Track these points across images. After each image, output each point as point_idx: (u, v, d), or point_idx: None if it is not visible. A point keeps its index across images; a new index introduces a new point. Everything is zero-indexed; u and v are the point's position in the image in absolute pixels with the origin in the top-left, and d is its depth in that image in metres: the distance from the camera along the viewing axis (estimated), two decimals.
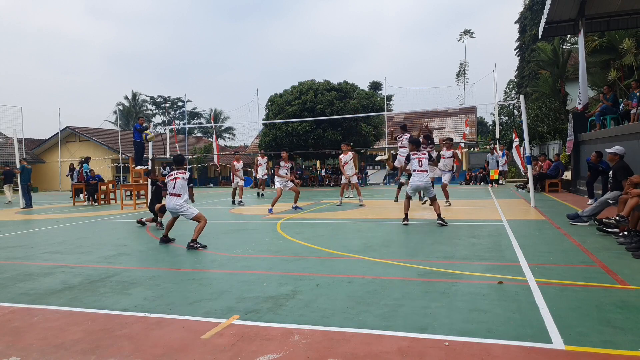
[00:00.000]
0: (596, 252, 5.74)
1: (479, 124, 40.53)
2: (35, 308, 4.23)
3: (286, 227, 9.07)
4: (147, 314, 3.93)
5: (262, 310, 3.90)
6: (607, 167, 10.10)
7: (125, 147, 32.97)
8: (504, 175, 22.40)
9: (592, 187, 11.33)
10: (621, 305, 3.73)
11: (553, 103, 27.90)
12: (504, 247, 6.35)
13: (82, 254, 6.89)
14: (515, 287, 4.35)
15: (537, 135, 26.93)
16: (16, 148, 17.65)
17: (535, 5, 33.65)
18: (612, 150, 8.04)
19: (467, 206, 12.41)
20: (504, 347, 2.99)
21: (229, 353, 3.06)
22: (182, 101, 53.48)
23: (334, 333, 3.34)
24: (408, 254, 6.08)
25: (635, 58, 19.20)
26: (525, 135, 12.23)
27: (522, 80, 37.97)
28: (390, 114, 34.81)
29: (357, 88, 27.92)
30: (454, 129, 33.81)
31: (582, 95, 15.45)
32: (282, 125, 25.38)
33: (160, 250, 7.03)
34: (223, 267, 5.76)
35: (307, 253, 6.43)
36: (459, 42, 57.94)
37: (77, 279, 5.28)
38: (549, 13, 15.16)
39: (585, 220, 8.01)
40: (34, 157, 34.76)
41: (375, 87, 45.24)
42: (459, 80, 56.16)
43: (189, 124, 48.81)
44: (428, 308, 3.81)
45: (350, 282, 4.72)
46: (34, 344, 3.35)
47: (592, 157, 10.46)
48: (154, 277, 5.24)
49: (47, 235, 9.16)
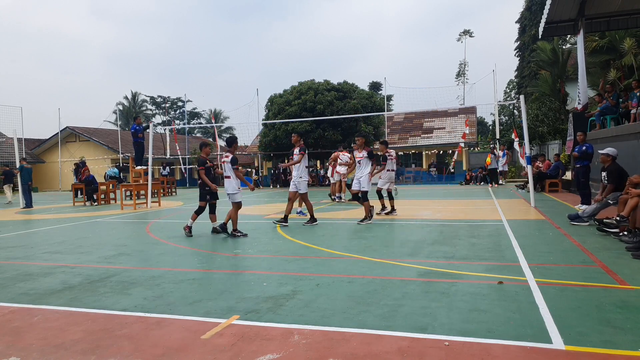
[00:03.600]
0: (596, 252, 5.74)
1: (479, 124, 40.50)
2: (35, 308, 4.23)
3: (286, 227, 9.06)
4: (147, 314, 3.93)
5: (262, 310, 3.90)
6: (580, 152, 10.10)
7: (125, 147, 32.98)
8: (504, 175, 22.41)
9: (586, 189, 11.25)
10: (621, 305, 3.73)
11: (553, 103, 27.90)
12: (504, 247, 6.35)
13: (82, 254, 6.89)
14: (515, 287, 4.35)
15: (537, 135, 26.94)
16: (16, 148, 17.65)
17: (535, 5, 33.67)
18: (605, 151, 8.02)
19: (467, 206, 12.41)
20: (504, 347, 2.99)
21: (229, 353, 3.05)
22: (182, 101, 53.44)
23: (334, 333, 3.34)
24: (408, 254, 6.08)
25: (635, 58, 19.19)
26: (525, 135, 12.24)
27: (522, 80, 37.98)
28: (390, 114, 34.83)
29: (357, 88, 27.93)
30: (454, 129, 33.77)
31: (582, 95, 15.45)
32: (282, 125, 25.39)
33: (160, 250, 7.03)
34: (223, 267, 5.76)
35: (307, 253, 6.43)
36: (459, 42, 57.90)
37: (77, 279, 5.28)
38: (549, 13, 15.15)
39: (586, 220, 8.01)
40: (34, 157, 34.77)
41: (375, 87, 45.22)
42: (459, 80, 56.18)
43: (188, 124, 48.80)
44: (428, 308, 3.81)
45: (350, 282, 4.72)
46: (34, 344, 3.35)
47: (579, 136, 10.51)
48: (154, 277, 5.24)
49: (47, 235, 9.16)
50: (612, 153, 7.97)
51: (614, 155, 7.96)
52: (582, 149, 10.10)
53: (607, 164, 7.98)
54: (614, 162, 7.96)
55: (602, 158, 8.06)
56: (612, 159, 7.94)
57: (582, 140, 10.33)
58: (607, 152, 7.98)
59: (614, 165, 7.93)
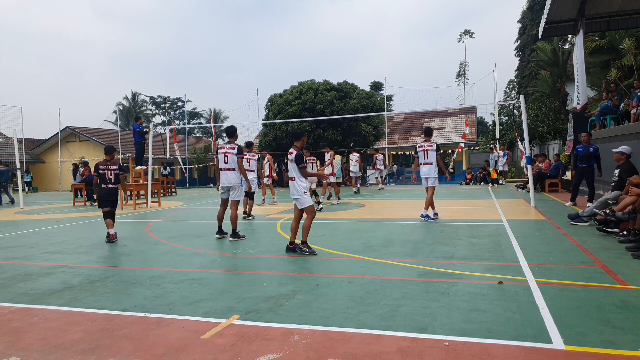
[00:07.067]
0: (596, 252, 5.74)
1: (479, 124, 40.50)
2: (35, 308, 4.23)
3: (286, 227, 9.06)
4: (147, 314, 3.93)
5: (262, 310, 3.89)
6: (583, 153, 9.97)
7: (125, 147, 32.97)
8: (504, 175, 22.40)
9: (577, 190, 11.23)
10: (621, 305, 3.73)
11: (553, 103, 27.91)
12: (504, 247, 6.35)
13: (82, 254, 6.89)
14: (515, 287, 4.35)
15: (537, 135, 26.93)
16: (16, 148, 17.63)
17: (536, 5, 33.67)
18: (620, 149, 7.91)
19: (467, 206, 12.41)
20: (504, 347, 2.99)
21: (229, 353, 3.05)
22: (181, 101, 53.44)
23: (334, 333, 3.34)
24: (408, 254, 6.08)
25: (635, 58, 19.19)
26: (525, 135, 12.23)
27: (522, 80, 38.01)
28: (390, 114, 34.82)
29: (357, 88, 27.91)
30: (454, 129, 33.80)
31: (581, 96, 15.44)
32: (282, 125, 25.36)
33: (160, 250, 7.03)
34: (223, 267, 5.77)
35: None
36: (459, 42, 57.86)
37: (77, 279, 5.28)
38: (549, 13, 15.16)
39: (586, 220, 8.01)
40: (34, 157, 34.77)
41: (376, 87, 45.17)
42: (459, 81, 56.15)
43: (188, 123, 48.79)
44: (428, 308, 3.81)
45: (350, 282, 4.72)
46: (34, 344, 3.35)
47: (584, 137, 10.32)
48: (154, 277, 5.24)
49: (47, 235, 9.16)
50: (627, 151, 7.86)
51: (628, 153, 7.85)
52: (590, 150, 9.99)
53: (622, 162, 7.89)
54: (628, 160, 7.87)
55: (617, 156, 7.93)
56: (626, 157, 7.86)
57: (587, 141, 10.22)
58: (622, 151, 7.87)
59: (628, 163, 7.83)
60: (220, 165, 7.70)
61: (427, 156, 9.36)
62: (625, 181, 7.51)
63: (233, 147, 7.67)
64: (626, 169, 7.74)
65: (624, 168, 7.78)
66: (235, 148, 7.66)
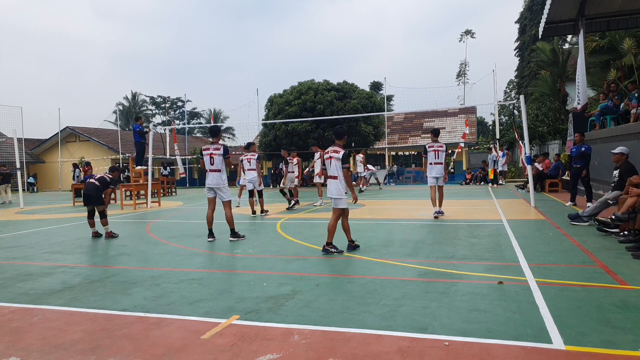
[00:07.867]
0: (596, 252, 5.74)
1: (479, 124, 40.51)
2: (35, 308, 4.23)
3: (286, 227, 9.06)
4: (147, 314, 3.93)
5: (262, 310, 3.89)
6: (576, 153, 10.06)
7: (125, 147, 32.97)
8: (504, 175, 22.39)
9: (576, 189, 11.24)
10: (621, 305, 3.73)
11: (553, 103, 27.90)
12: (504, 247, 6.35)
13: (82, 254, 6.89)
14: (515, 287, 4.35)
15: (537, 135, 26.92)
16: (16, 148, 17.64)
17: (535, 5, 33.67)
18: (619, 150, 7.92)
19: (467, 206, 12.40)
20: (504, 347, 2.99)
21: (229, 353, 3.05)
22: (181, 101, 53.42)
23: (334, 333, 3.34)
24: (408, 254, 6.08)
25: (635, 58, 19.18)
26: (525, 135, 12.23)
27: (522, 80, 37.99)
28: (390, 114, 34.82)
29: (357, 88, 27.92)
30: (454, 129, 33.79)
31: (581, 96, 15.43)
32: (282, 125, 25.37)
33: (160, 250, 7.03)
34: (223, 267, 5.77)
35: (307, 253, 6.43)
36: (460, 42, 57.85)
37: (77, 279, 5.28)
38: (549, 13, 15.15)
39: (586, 220, 8.00)
40: (34, 157, 34.78)
41: (376, 87, 45.19)
42: (459, 81, 56.17)
43: (188, 124, 48.79)
44: (428, 308, 3.81)
45: (350, 282, 4.72)
46: (34, 344, 3.35)
47: (576, 137, 10.42)
48: (154, 277, 5.24)
49: (47, 235, 9.16)
50: (625, 151, 7.88)
51: (627, 153, 7.89)
52: (581, 149, 10.08)
53: (621, 162, 7.91)
54: (628, 161, 7.89)
55: (616, 157, 7.96)
56: (625, 158, 7.88)
57: (580, 141, 10.30)
58: (621, 151, 7.89)
59: (628, 163, 7.85)
60: (206, 166, 7.60)
61: (439, 156, 9.71)
62: (626, 181, 7.52)
63: (218, 147, 7.56)
64: (626, 169, 7.75)
65: (624, 168, 7.79)
66: (220, 149, 7.56)
